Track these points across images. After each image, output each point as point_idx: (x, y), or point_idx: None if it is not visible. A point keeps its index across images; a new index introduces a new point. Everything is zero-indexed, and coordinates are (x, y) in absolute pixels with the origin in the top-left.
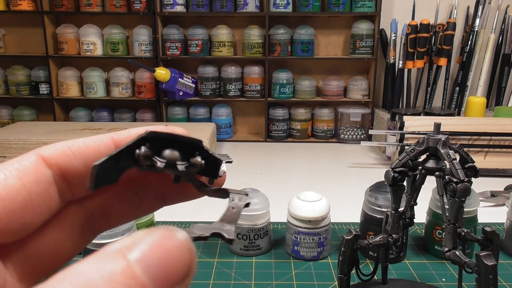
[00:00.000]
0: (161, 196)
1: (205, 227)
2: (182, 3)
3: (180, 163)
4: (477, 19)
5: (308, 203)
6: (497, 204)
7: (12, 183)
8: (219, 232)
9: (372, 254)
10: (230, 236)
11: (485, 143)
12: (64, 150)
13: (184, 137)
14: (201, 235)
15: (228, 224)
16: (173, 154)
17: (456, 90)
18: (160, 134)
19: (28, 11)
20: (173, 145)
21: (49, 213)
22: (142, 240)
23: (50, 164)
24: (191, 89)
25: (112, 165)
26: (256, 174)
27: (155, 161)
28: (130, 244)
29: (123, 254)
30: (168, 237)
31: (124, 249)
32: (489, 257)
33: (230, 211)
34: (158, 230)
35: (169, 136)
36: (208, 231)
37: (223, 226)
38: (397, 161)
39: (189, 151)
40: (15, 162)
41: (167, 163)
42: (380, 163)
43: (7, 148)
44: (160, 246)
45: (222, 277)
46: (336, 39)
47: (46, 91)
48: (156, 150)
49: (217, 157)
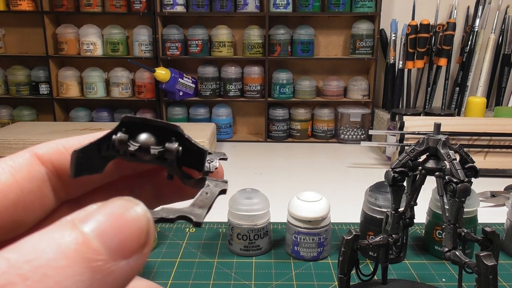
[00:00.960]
0: (157, 195)
1: (172, 210)
2: (182, 3)
3: (154, 147)
4: (477, 19)
5: (308, 203)
6: (497, 204)
7: (4, 179)
8: (186, 215)
9: (372, 254)
10: (198, 219)
11: (485, 143)
12: (58, 148)
13: (158, 121)
14: (166, 216)
15: (199, 209)
16: (147, 138)
17: (456, 90)
18: (135, 119)
19: (28, 11)
20: (153, 132)
21: (42, 211)
22: (97, 211)
23: (44, 162)
24: (191, 89)
25: (93, 153)
26: (256, 174)
27: (129, 145)
28: (83, 215)
29: (75, 224)
30: (125, 207)
31: (76, 220)
32: (489, 257)
33: (202, 195)
34: (114, 202)
35: (143, 121)
36: (175, 213)
37: (193, 210)
38: (397, 161)
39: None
40: (9, 159)
41: (140, 147)
42: (380, 163)
43: (7, 148)
44: (116, 216)
45: (222, 277)
46: (336, 39)
47: (46, 91)
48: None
49: (200, 146)
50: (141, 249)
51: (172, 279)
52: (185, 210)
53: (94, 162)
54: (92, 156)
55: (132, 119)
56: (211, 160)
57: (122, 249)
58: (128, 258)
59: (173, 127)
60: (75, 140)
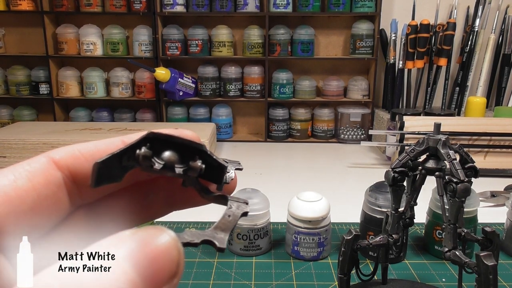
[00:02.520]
0: (170, 201)
1: (196, 233)
2: (182, 3)
3: (179, 166)
4: (477, 19)
5: (308, 203)
6: (497, 204)
7: (22, 184)
8: (210, 239)
9: (372, 254)
10: (221, 245)
11: (485, 143)
12: (75, 152)
13: (183, 139)
14: (191, 241)
15: (221, 232)
16: (172, 156)
17: (456, 90)
18: (159, 135)
19: (28, 11)
20: (175, 148)
21: (58, 216)
22: (129, 238)
23: (61, 167)
24: (191, 89)
25: (115, 163)
26: (256, 174)
27: (153, 162)
28: (116, 241)
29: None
30: (156, 235)
31: (110, 247)
32: (489, 257)
33: (225, 218)
34: (145, 229)
35: (168, 138)
36: (199, 237)
37: (216, 233)
38: (397, 161)
39: (191, 154)
40: (26, 164)
41: (165, 165)
42: (380, 163)
43: (7, 148)
44: (148, 244)
45: (222, 277)
46: (336, 39)
47: (46, 91)
48: (158, 151)
49: (221, 162)
50: (171, 280)
51: None
52: (209, 234)
53: (113, 171)
54: (113, 166)
55: (157, 135)
56: (228, 171)
57: (155, 279)
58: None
59: (198, 146)
60: (91, 145)
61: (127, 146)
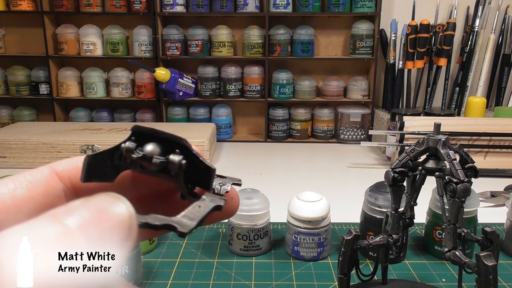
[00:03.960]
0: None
1: (160, 218)
2: (182, 3)
3: (158, 157)
4: (477, 19)
5: (308, 203)
6: (497, 204)
7: (20, 194)
8: (171, 224)
9: (372, 254)
10: (183, 230)
11: (485, 143)
12: (78, 165)
13: (166, 133)
14: (151, 222)
15: (188, 220)
16: (152, 148)
17: (456, 90)
18: (143, 129)
19: (28, 11)
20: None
21: None
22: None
23: (62, 178)
24: (191, 89)
25: (106, 161)
26: (256, 174)
27: (134, 153)
28: (66, 209)
29: (57, 217)
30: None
31: (59, 214)
32: (489, 257)
33: (194, 208)
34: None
35: (151, 132)
36: (161, 221)
37: (182, 220)
38: (397, 161)
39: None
40: (28, 174)
41: (144, 155)
42: (380, 163)
43: (7, 148)
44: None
45: (222, 277)
46: (336, 39)
47: (46, 91)
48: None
49: (208, 164)
50: (122, 243)
51: (172, 279)
52: (173, 219)
53: (106, 170)
54: (105, 164)
55: (141, 128)
56: (223, 183)
57: (103, 241)
58: None
59: (179, 140)
60: None
61: (117, 144)
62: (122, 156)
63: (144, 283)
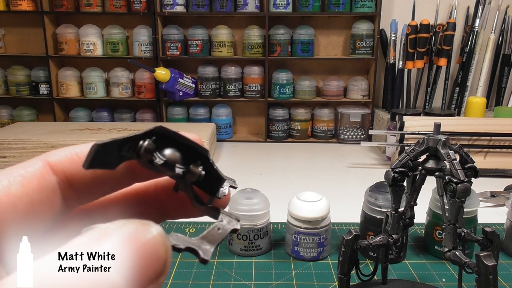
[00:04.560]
0: (164, 211)
1: (182, 239)
2: (182, 3)
3: (179, 166)
4: (477, 19)
5: (308, 203)
6: (497, 204)
7: (14, 190)
8: (195, 248)
9: (372, 254)
10: (205, 257)
11: (485, 143)
12: (72, 156)
13: (190, 141)
14: (176, 245)
15: (208, 244)
16: (174, 155)
17: (456, 90)
18: (167, 132)
19: (28, 11)
20: (179, 149)
21: (53, 219)
22: (113, 233)
23: (56, 171)
24: (191, 89)
25: (113, 150)
26: (256, 174)
27: (155, 156)
28: (98, 237)
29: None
30: (142, 230)
31: (92, 243)
32: (489, 257)
33: (214, 230)
34: (131, 223)
35: (175, 136)
36: (184, 243)
37: (202, 243)
38: (397, 161)
39: (193, 159)
40: (21, 168)
41: (166, 162)
42: (380, 163)
43: (7, 148)
44: (133, 240)
45: (222, 277)
46: (336, 39)
47: (46, 91)
48: (161, 148)
49: (220, 174)
50: (157, 279)
51: (172, 279)
52: (195, 242)
53: (110, 158)
54: (111, 153)
55: (164, 131)
56: (222, 186)
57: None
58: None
59: (202, 150)
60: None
61: (131, 136)
62: (134, 150)
63: None
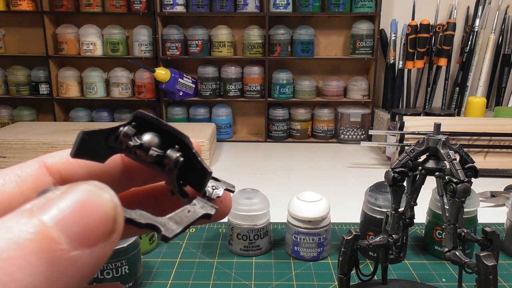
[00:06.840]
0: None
1: (146, 216)
2: (182, 3)
3: (155, 149)
4: (477, 19)
5: (308, 203)
6: (497, 204)
7: (10, 189)
8: (156, 224)
9: (372, 254)
10: (166, 233)
11: (485, 143)
12: (68, 158)
13: (168, 125)
14: (136, 219)
15: (174, 224)
16: (151, 139)
17: (456, 90)
18: (146, 116)
19: (28, 11)
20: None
21: None
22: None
23: (52, 172)
24: (191, 89)
25: (101, 140)
26: (256, 174)
27: (132, 140)
28: (43, 202)
29: (33, 212)
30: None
31: (35, 208)
32: (489, 257)
33: (183, 212)
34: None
35: (154, 121)
36: (146, 219)
37: (167, 223)
38: (397, 161)
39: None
40: (17, 168)
41: (141, 145)
42: (380, 163)
43: (7, 148)
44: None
45: (222, 278)
46: (336, 39)
47: (46, 91)
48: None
49: (205, 166)
50: (107, 237)
51: (172, 279)
52: (159, 220)
53: (98, 149)
54: (98, 143)
55: (144, 115)
56: (216, 187)
57: (85, 237)
58: (92, 246)
59: (181, 136)
60: None
61: (116, 126)
62: (118, 139)
63: (144, 283)
